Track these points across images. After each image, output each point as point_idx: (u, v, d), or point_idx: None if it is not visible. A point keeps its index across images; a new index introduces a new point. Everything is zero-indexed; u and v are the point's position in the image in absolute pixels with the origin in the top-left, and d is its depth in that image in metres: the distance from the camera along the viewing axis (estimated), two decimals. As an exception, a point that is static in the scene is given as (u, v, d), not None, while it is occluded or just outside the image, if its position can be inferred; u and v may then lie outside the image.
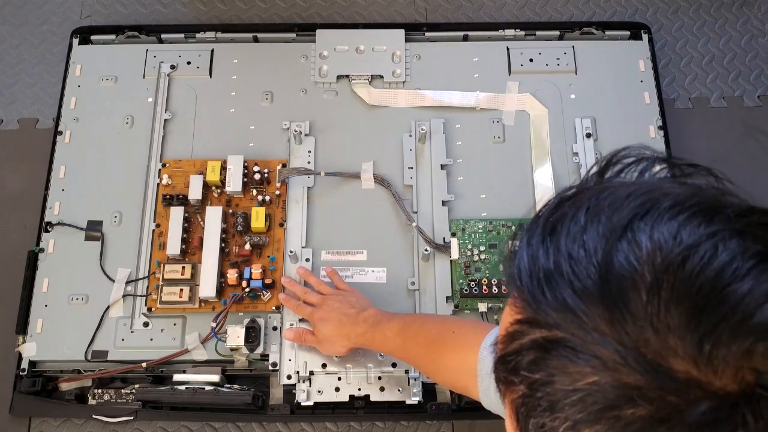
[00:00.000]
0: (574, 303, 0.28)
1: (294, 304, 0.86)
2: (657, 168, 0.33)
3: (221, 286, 0.90)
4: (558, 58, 1.04)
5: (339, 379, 0.86)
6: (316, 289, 0.87)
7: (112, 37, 1.07)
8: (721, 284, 0.27)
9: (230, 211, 0.94)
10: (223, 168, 0.95)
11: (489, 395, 0.61)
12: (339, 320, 0.81)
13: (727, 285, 0.27)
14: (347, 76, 1.03)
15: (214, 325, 0.87)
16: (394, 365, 0.86)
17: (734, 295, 0.26)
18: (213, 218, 0.91)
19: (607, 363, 0.27)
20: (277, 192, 0.95)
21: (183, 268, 0.90)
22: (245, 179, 0.95)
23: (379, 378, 0.86)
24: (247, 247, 0.91)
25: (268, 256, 0.92)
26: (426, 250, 0.91)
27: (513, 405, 0.32)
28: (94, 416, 0.89)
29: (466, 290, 0.89)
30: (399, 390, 0.86)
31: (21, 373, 0.88)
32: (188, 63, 1.04)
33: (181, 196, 0.94)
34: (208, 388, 0.85)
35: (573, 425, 0.28)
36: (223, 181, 0.95)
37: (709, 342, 0.26)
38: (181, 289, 0.89)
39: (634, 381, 0.27)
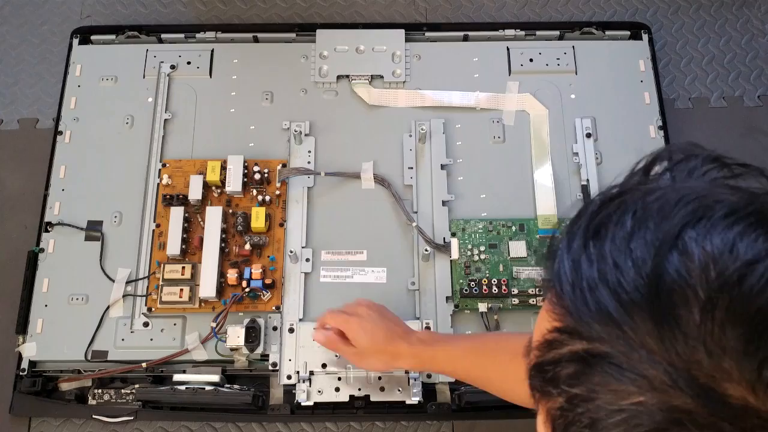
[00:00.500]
0: (619, 316, 0.27)
1: (325, 315, 0.80)
2: (705, 167, 0.31)
3: (221, 286, 0.90)
4: (558, 58, 1.04)
5: (339, 379, 0.86)
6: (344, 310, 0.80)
7: (112, 37, 1.07)
8: None
9: (230, 211, 0.94)
10: (223, 168, 0.95)
11: None
12: (386, 336, 0.75)
13: None
14: (347, 76, 1.03)
15: (214, 325, 0.87)
16: (394, 365, 0.86)
17: None
18: (213, 218, 0.91)
19: (655, 383, 0.26)
20: (277, 192, 0.95)
21: (183, 268, 0.90)
22: (245, 179, 0.95)
23: (379, 378, 0.86)
24: (247, 247, 0.91)
25: (268, 256, 0.92)
26: (426, 250, 0.91)
27: (549, 414, 0.31)
28: (94, 416, 0.89)
29: (466, 290, 0.89)
30: (399, 390, 0.86)
31: (21, 373, 0.88)
32: (188, 63, 1.04)
33: (181, 196, 0.94)
34: (208, 388, 0.85)
35: None
36: (223, 181, 0.95)
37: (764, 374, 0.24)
38: (181, 289, 0.89)
39: (684, 404, 0.25)
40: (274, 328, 0.89)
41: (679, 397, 0.25)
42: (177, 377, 0.87)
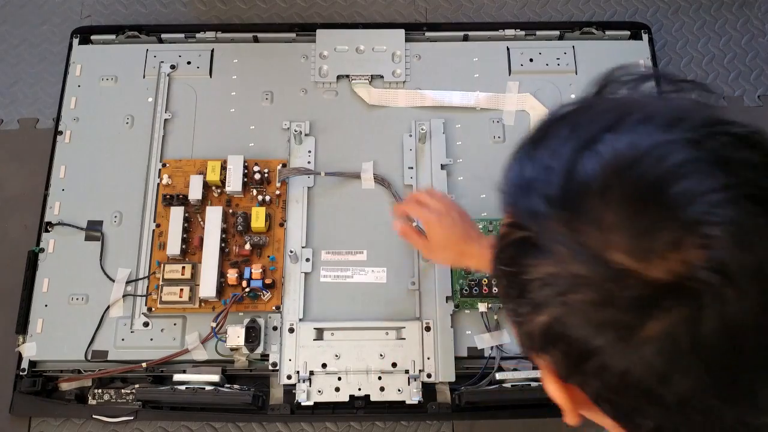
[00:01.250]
0: (542, 209, 0.32)
1: (407, 204, 0.83)
2: (649, 84, 0.35)
3: (221, 286, 0.90)
4: (558, 58, 1.04)
5: (339, 379, 0.86)
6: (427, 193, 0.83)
7: (112, 37, 1.07)
8: (662, 185, 0.29)
9: (230, 211, 0.94)
10: (223, 168, 0.95)
11: None
12: (461, 236, 0.79)
13: (668, 186, 0.29)
14: (347, 76, 1.03)
15: (214, 325, 0.87)
16: (394, 365, 0.86)
17: (671, 194, 0.29)
18: (213, 218, 0.91)
19: (562, 257, 0.31)
20: (277, 192, 0.95)
21: (183, 268, 0.90)
22: (245, 179, 0.95)
23: (379, 378, 0.86)
24: (247, 247, 0.91)
25: (268, 256, 0.92)
26: (426, 250, 0.91)
27: (500, 290, 0.38)
28: (94, 416, 0.89)
29: (465, 290, 0.89)
30: (399, 390, 0.86)
31: (21, 373, 0.88)
32: (188, 63, 1.04)
33: (181, 196, 0.94)
34: (208, 388, 0.85)
35: (534, 308, 0.33)
36: (223, 181, 0.95)
37: (644, 236, 0.29)
38: (181, 289, 0.89)
39: (580, 271, 0.31)
40: (274, 328, 0.89)
41: (577, 265, 0.31)
42: (177, 377, 0.87)
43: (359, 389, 0.86)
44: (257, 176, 0.94)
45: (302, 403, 0.85)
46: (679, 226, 0.29)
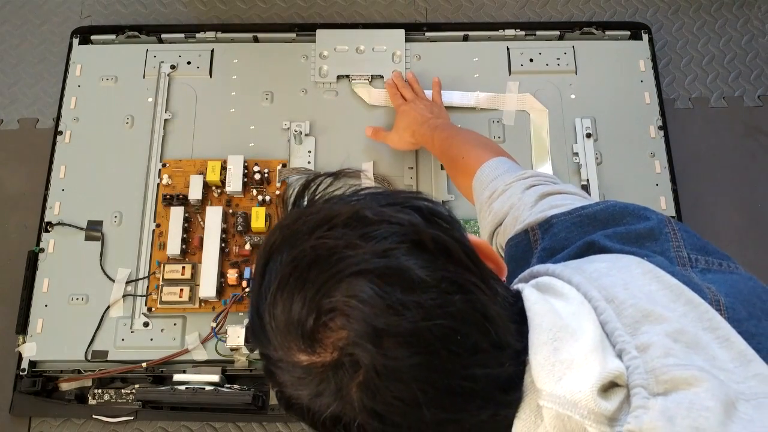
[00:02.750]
0: (251, 341, 0.42)
1: (392, 90, 0.98)
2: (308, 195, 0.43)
3: (221, 286, 0.90)
4: (558, 58, 1.04)
5: (339, 379, 0.86)
6: (415, 92, 0.97)
7: (112, 37, 1.07)
8: (303, 284, 0.36)
9: (230, 211, 0.94)
10: (223, 168, 0.95)
11: (483, 224, 0.64)
12: (415, 118, 0.91)
13: (305, 284, 0.36)
14: (347, 76, 1.03)
15: (214, 325, 0.87)
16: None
17: (309, 290, 0.36)
18: (213, 218, 0.91)
19: (279, 372, 0.38)
20: (277, 192, 0.95)
21: (183, 268, 0.90)
22: (245, 179, 0.95)
23: (379, 378, 0.86)
24: (248, 247, 0.91)
25: (268, 256, 0.92)
26: (426, 250, 0.90)
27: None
28: (94, 416, 0.89)
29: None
30: (399, 390, 0.85)
31: (21, 373, 0.88)
32: (188, 63, 1.04)
33: (181, 196, 0.94)
34: (208, 388, 0.85)
35: (288, 408, 0.39)
36: (223, 181, 0.95)
37: (304, 333, 0.35)
38: (182, 289, 0.89)
39: (293, 377, 0.37)
40: (274, 328, 0.88)
41: (287, 375, 0.37)
42: (177, 377, 0.87)
43: (359, 389, 0.86)
44: (257, 176, 0.94)
45: (302, 403, 0.85)
46: (324, 314, 0.35)
